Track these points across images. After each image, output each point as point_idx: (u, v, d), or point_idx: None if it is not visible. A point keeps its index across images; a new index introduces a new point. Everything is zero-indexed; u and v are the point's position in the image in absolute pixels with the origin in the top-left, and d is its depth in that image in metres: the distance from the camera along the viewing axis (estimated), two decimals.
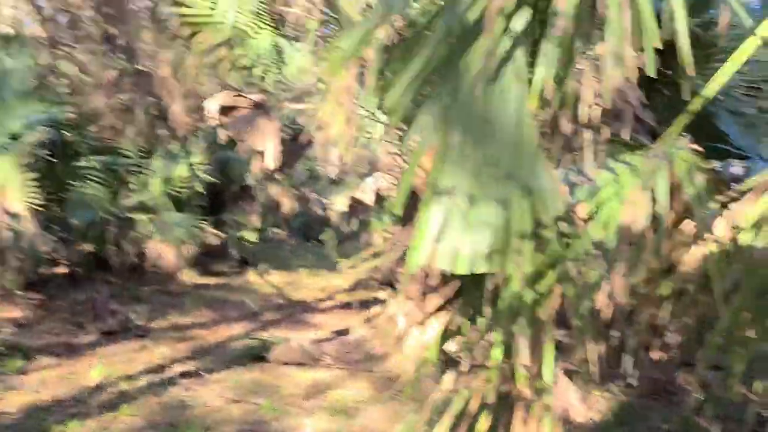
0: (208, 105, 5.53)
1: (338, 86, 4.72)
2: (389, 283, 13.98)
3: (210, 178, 12.19)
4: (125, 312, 8.22)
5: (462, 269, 1.77)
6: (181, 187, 11.82)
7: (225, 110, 5.57)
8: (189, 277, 12.48)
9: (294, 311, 10.84)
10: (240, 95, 5.76)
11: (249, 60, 6.06)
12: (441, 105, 1.89)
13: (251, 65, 6.25)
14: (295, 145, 7.71)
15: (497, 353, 1.91)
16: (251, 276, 14.18)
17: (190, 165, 11.77)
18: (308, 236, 24.60)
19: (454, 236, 1.77)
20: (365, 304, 11.71)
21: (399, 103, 1.97)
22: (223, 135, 5.83)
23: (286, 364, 7.03)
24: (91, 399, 5.37)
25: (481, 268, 1.78)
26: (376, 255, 13.44)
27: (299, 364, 7.05)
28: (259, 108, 5.78)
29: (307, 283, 14.47)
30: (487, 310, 2.25)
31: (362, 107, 8.56)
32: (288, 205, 14.76)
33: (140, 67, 10.80)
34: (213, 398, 5.68)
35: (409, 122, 1.92)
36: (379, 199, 10.31)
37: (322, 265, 18.71)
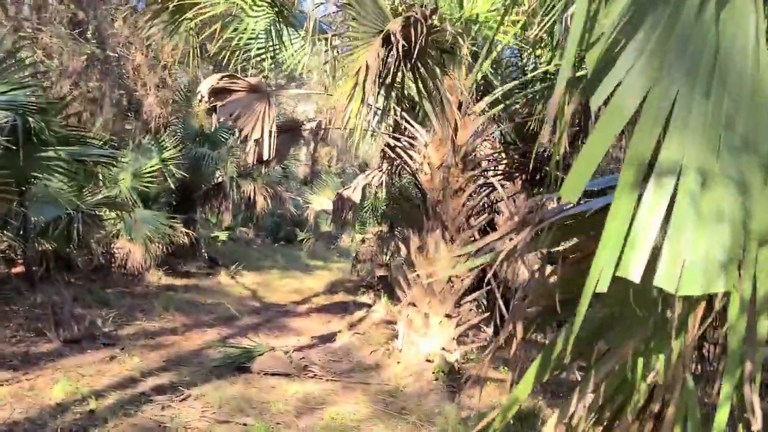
0: (201, 87, 4.78)
1: (356, 66, 4.06)
2: (370, 285, 13.32)
3: (182, 174, 11.30)
4: (90, 317, 7.36)
5: (692, 288, 1.08)
6: (150, 183, 10.94)
7: (218, 93, 4.82)
8: (156, 278, 11.58)
9: (271, 315, 10.04)
10: (235, 77, 5.03)
11: (244, 40, 5.35)
12: (653, 40, 1.21)
13: (245, 46, 5.53)
14: (287, 135, 7.00)
15: (722, 414, 1.19)
16: (222, 277, 13.32)
17: (162, 160, 10.89)
18: (277, 236, 23.80)
19: (681, 237, 1.09)
20: (345, 308, 10.99)
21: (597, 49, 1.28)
22: (214, 120, 5.05)
23: (271, 374, 6.28)
24: (52, 421, 4.54)
25: (718, 287, 1.10)
26: (357, 258, 12.72)
27: (285, 375, 6.30)
28: (256, 92, 5.05)
29: (280, 285, 13.68)
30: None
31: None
32: (262, 203, 13.91)
33: (111, 54, 9.90)
34: (194, 418, 4.89)
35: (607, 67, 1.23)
36: (363, 198, 9.60)
37: (293, 266, 17.93)
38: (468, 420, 5.05)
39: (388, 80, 4.65)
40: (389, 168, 8.32)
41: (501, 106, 5.91)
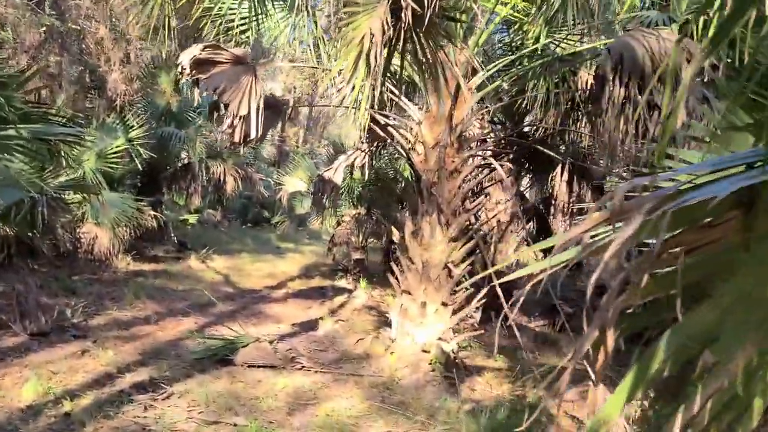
0: (182, 58, 4.33)
1: (359, 33, 3.66)
2: (346, 269, 12.97)
3: (148, 154, 10.73)
4: (58, 307, 6.87)
5: None
6: (115, 164, 10.37)
7: (200, 64, 4.38)
8: (125, 263, 11.04)
9: (246, 301, 9.63)
10: (218, 48, 4.58)
11: (226, 7, 4.90)
12: None
13: (228, 13, 5.08)
14: (269, 112, 6.57)
15: None
16: (192, 261, 12.81)
17: (128, 139, 10.31)
18: (246, 218, 23.24)
19: None
20: (323, 293, 10.64)
21: None
22: (197, 94, 4.59)
23: (256, 366, 5.92)
24: (24, 426, 4.11)
25: None
26: (332, 240, 12.34)
27: (271, 367, 5.95)
28: (241, 64, 4.62)
29: (252, 269, 13.23)
30: None
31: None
32: (232, 185, 13.41)
33: (72, 26, 9.26)
34: (181, 419, 4.50)
35: None
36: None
37: (264, 249, 17.45)
38: (474, 413, 4.77)
39: (385, 52, 4.26)
40: (372, 148, 7.95)
41: (497, 83, 5.59)
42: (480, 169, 5.70)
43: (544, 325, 8.81)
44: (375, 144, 7.96)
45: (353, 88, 3.78)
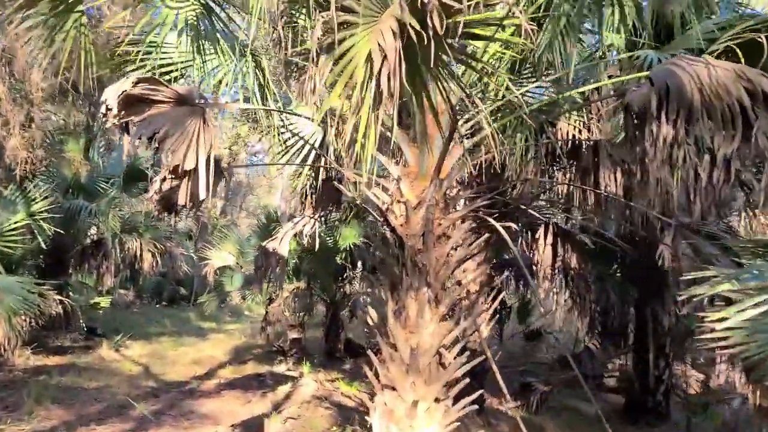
0: (107, 94, 3.16)
1: (364, 52, 2.64)
2: (281, 351, 11.56)
3: (53, 230, 9.20)
4: None
5: None
6: (14, 243, 8.79)
7: (131, 104, 3.24)
8: (24, 359, 9.31)
9: (173, 397, 8.12)
10: (156, 83, 3.45)
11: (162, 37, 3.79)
12: None
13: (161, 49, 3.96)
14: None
15: None
16: (104, 350, 11.09)
17: (30, 214, 8.80)
18: (161, 297, 21.32)
19: None
20: (261, 381, 9.23)
21: None
22: (126, 142, 3.40)
23: None
24: None
25: None
26: (266, 319, 10.99)
27: None
28: (185, 104, 3.51)
29: (175, 356, 11.62)
30: None
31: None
32: (150, 261, 11.88)
33: None
34: None
35: None
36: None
37: (184, 331, 15.74)
38: None
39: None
40: (322, 213, 6.88)
41: (487, 131, 4.71)
42: (470, 232, 4.72)
43: (518, 407, 7.78)
44: (325, 208, 6.89)
45: (360, 128, 2.74)
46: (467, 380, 4.59)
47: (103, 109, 3.22)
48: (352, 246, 10.50)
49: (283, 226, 7.36)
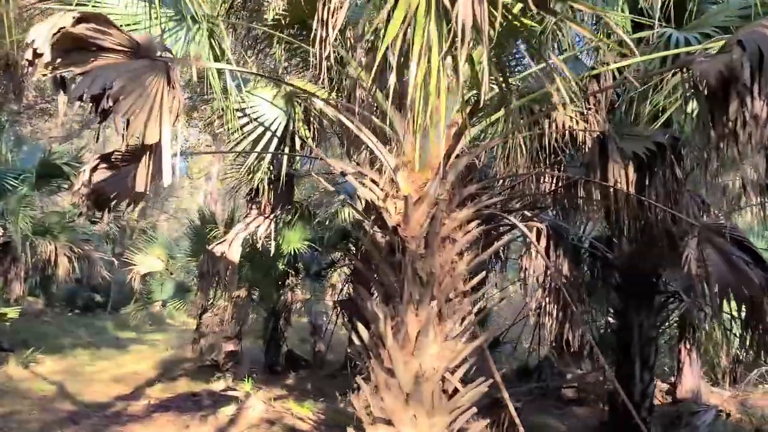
0: (34, 34, 2.17)
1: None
2: (215, 365, 10.43)
3: None
4: None
5: None
6: None
7: (72, 50, 2.26)
8: None
9: (96, 424, 6.93)
10: (106, 22, 2.47)
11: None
12: None
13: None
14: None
15: None
16: (11, 368, 9.66)
17: None
18: (74, 305, 19.53)
19: None
20: (197, 402, 8.13)
21: None
22: (61, 100, 2.42)
23: None
24: None
25: None
26: (198, 329, 9.86)
27: None
28: (144, 57, 2.53)
29: (93, 372, 10.27)
30: None
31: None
32: (66, 267, 10.51)
33: None
34: None
35: None
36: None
37: (101, 342, 14.21)
38: None
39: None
40: (279, 213, 5.96)
41: (498, 114, 3.96)
42: (477, 234, 3.94)
43: (489, 425, 7.07)
44: (283, 207, 5.97)
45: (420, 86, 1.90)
46: (474, 409, 3.81)
47: (29, 55, 2.24)
48: (296, 250, 9.55)
49: (231, 228, 6.36)
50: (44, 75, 2.27)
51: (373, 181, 3.94)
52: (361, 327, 3.89)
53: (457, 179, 3.87)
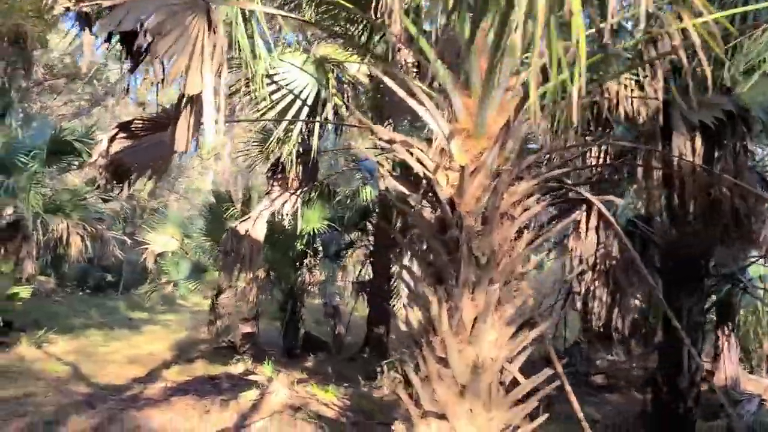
0: None
1: None
2: (232, 346, 10.11)
3: None
4: None
5: None
6: None
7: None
8: None
9: (112, 408, 6.62)
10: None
11: None
12: None
13: None
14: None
15: None
16: (24, 348, 9.39)
17: None
18: (86, 285, 19.29)
19: None
20: (216, 385, 7.82)
21: None
22: (86, 41, 2.08)
23: None
24: None
25: None
26: (215, 311, 9.54)
27: None
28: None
29: (107, 353, 9.97)
30: None
31: None
32: (78, 246, 10.17)
33: None
34: None
35: None
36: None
37: (114, 323, 13.95)
38: None
39: None
40: (306, 189, 5.59)
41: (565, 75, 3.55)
42: (537, 210, 3.54)
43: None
44: (309, 183, 5.59)
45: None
46: (535, 403, 3.44)
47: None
48: (315, 230, 9.18)
49: (259, 204, 5.96)
50: (66, 9, 1.88)
51: (421, 151, 3.54)
52: (409, 312, 3.50)
53: (516, 149, 3.47)
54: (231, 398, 6.77)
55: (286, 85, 4.74)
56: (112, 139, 3.95)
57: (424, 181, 3.68)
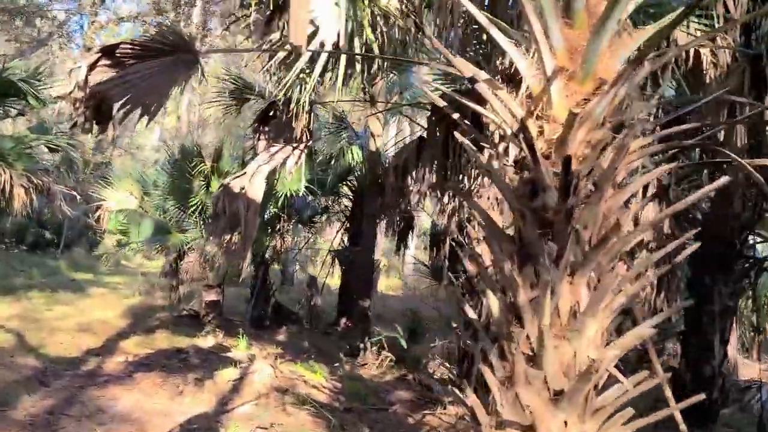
0: None
1: None
2: (195, 315, 9.20)
3: None
4: None
5: None
6: None
7: None
8: None
9: (67, 386, 5.69)
10: None
11: None
12: None
13: None
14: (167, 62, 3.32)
15: None
16: None
17: None
18: (24, 242, 17.81)
19: None
20: (184, 359, 6.94)
21: None
22: None
23: None
24: None
25: None
26: (178, 276, 8.62)
27: None
28: None
29: (53, 318, 8.89)
30: None
31: None
32: (22, 199, 8.99)
33: None
34: None
35: None
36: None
37: (56, 284, 12.71)
38: None
39: None
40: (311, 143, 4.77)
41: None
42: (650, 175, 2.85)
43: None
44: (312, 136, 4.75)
45: None
46: (631, 411, 2.78)
47: None
48: (293, 192, 8.31)
49: (257, 158, 5.05)
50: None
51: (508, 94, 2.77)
52: (492, 298, 2.75)
53: (629, 98, 2.74)
54: (206, 377, 5.93)
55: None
56: (92, 67, 3.04)
57: (497, 135, 2.92)
